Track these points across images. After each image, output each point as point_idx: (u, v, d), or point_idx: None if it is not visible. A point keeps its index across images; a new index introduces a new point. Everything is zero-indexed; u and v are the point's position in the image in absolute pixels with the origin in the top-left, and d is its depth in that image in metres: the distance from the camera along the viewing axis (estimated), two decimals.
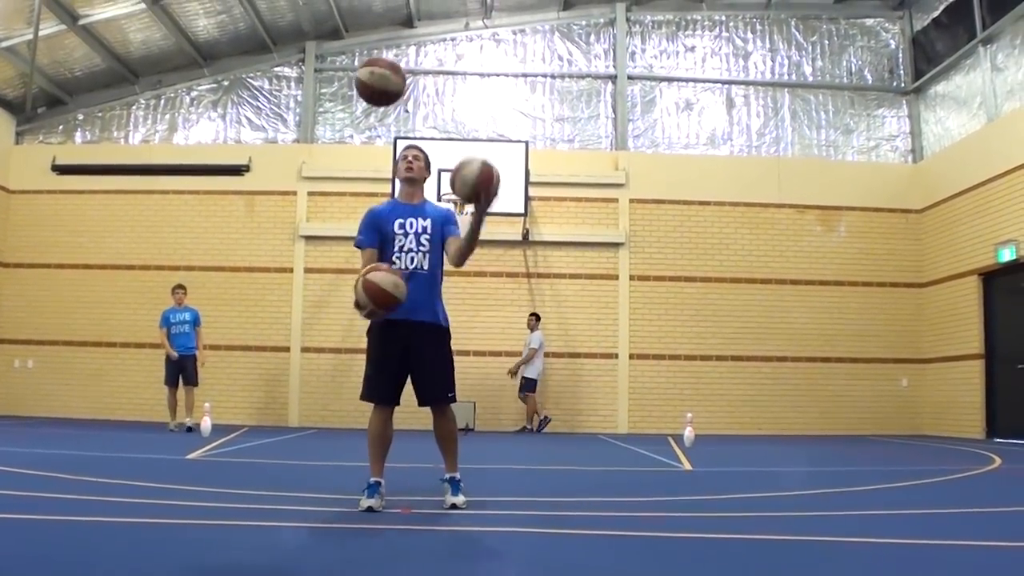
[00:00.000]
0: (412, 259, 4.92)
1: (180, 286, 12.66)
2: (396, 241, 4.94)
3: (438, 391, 4.98)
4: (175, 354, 12.16)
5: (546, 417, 14.11)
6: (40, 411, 14.56)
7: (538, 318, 14.26)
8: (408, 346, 4.90)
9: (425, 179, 5.20)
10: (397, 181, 5.14)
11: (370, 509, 4.70)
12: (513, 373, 14.03)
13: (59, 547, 3.63)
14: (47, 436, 10.34)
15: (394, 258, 4.91)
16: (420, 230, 4.96)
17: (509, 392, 14.36)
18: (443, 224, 5.02)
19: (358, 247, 5.01)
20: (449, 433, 5.06)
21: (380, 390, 4.95)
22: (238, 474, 6.98)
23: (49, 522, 4.25)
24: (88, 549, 3.65)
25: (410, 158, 5.10)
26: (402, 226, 4.96)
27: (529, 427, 14.07)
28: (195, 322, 12.48)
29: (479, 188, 4.54)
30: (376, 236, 4.96)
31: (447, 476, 5.01)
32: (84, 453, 8.34)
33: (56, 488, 5.45)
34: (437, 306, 5.02)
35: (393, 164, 13.78)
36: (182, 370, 12.25)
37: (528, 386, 13.98)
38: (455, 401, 5.04)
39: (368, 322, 4.90)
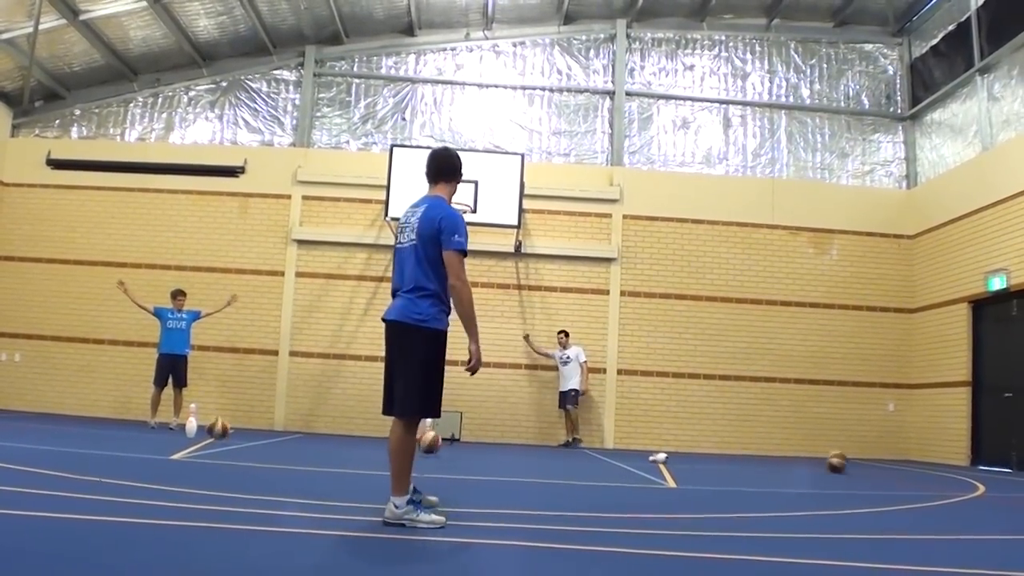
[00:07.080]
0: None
1: (181, 292, 12.91)
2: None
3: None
4: (139, 303, 12.52)
5: (577, 439, 14.23)
6: (24, 405, 14.46)
7: (567, 335, 14.44)
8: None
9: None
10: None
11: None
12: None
13: (36, 543, 3.60)
14: (30, 431, 10.27)
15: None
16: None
17: (495, 403, 14.36)
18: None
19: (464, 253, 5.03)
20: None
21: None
22: (221, 476, 6.95)
23: (27, 518, 4.21)
24: (65, 546, 3.62)
25: None
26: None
27: (577, 438, 14.21)
28: (193, 319, 12.81)
29: None
30: None
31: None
32: (67, 450, 8.29)
33: (38, 484, 5.41)
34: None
35: (388, 171, 13.83)
36: (173, 370, 12.49)
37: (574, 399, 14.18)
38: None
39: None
